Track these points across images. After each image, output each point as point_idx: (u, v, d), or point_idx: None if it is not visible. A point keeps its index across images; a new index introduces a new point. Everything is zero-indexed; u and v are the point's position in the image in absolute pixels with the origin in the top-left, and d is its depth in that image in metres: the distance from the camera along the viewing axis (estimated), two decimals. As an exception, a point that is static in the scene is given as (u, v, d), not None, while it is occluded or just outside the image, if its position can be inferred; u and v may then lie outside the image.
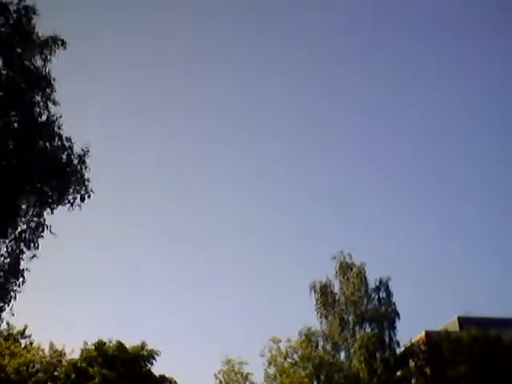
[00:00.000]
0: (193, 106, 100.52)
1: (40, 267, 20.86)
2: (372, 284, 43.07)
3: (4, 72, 18.23)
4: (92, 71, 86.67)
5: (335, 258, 44.17)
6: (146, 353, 42.76)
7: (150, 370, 42.79)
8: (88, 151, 19.39)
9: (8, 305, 19.07)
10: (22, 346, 41.93)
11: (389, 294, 42.72)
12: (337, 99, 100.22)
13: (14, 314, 19.71)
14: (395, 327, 42.11)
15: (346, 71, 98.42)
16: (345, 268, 43.61)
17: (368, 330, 41.94)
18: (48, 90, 18.72)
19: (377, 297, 42.81)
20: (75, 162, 19.27)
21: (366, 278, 42.85)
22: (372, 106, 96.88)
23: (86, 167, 19.43)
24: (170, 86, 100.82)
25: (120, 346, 42.47)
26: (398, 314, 42.39)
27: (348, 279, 43.07)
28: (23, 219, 20.07)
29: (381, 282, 42.94)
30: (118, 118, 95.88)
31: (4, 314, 19.58)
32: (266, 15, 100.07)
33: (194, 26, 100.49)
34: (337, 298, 43.24)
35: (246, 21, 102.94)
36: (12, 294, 19.10)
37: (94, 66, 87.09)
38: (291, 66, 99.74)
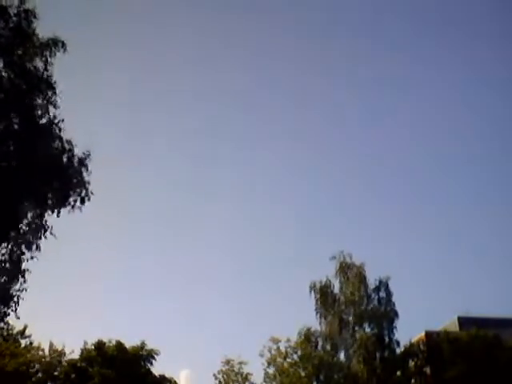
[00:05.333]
0: (195, 104, 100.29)
1: (40, 267, 20.91)
2: (372, 284, 43.02)
3: (5, 74, 18.25)
4: (93, 73, 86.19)
5: (335, 257, 44.15)
6: (145, 353, 42.85)
7: (149, 370, 42.89)
8: (89, 154, 19.52)
9: (12, 309, 19.11)
10: (22, 346, 41.98)
11: (389, 293, 42.53)
12: (338, 99, 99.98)
13: (18, 318, 19.81)
14: (395, 327, 42.05)
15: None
16: (345, 268, 43.44)
17: (368, 330, 41.83)
18: (49, 93, 18.79)
19: (376, 297, 42.66)
20: (76, 164, 19.32)
21: (365, 278, 42.74)
22: (372, 101, 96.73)
23: (87, 170, 19.51)
24: (171, 86, 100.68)
25: (120, 345, 42.55)
26: (397, 314, 42.29)
27: (348, 279, 42.95)
28: (24, 221, 20.13)
29: (380, 282, 42.74)
30: (119, 116, 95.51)
31: (9, 318, 19.69)
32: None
33: (195, 21, 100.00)
34: (337, 298, 43.19)
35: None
36: (15, 298, 19.10)
37: (95, 68, 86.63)
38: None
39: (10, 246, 19.95)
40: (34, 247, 20.20)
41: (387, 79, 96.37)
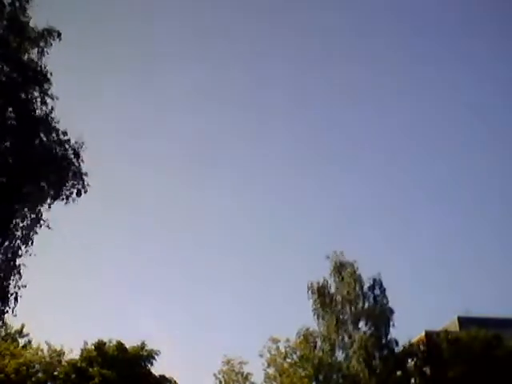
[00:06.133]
0: (195, 103, 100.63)
1: (40, 266, 20.93)
2: (367, 282, 42.85)
3: (0, 67, 18.34)
4: (91, 67, 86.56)
5: (329, 257, 43.95)
6: (145, 353, 42.84)
7: (149, 370, 42.88)
8: (83, 144, 19.49)
9: (9, 306, 19.11)
10: (21, 344, 42.09)
11: (383, 290, 42.32)
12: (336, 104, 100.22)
13: (16, 315, 19.78)
14: (392, 324, 41.71)
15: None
16: (339, 267, 43.37)
17: (365, 328, 41.63)
18: (45, 85, 18.83)
19: (372, 295, 42.46)
20: (71, 155, 19.32)
21: (359, 276, 42.59)
22: (373, 98, 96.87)
23: (81, 160, 19.51)
24: (171, 84, 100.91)
25: (120, 345, 42.54)
26: (392, 311, 41.70)
27: (343, 279, 42.86)
28: (20, 215, 20.16)
29: (374, 279, 42.54)
30: (119, 112, 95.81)
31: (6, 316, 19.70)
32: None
33: (196, 20, 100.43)
34: (333, 297, 42.97)
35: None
36: (13, 295, 19.10)
37: (93, 62, 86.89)
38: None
39: (5, 241, 19.99)
40: (30, 242, 20.23)
41: (387, 79, 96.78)
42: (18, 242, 20.20)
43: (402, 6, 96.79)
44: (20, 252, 20.21)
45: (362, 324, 41.62)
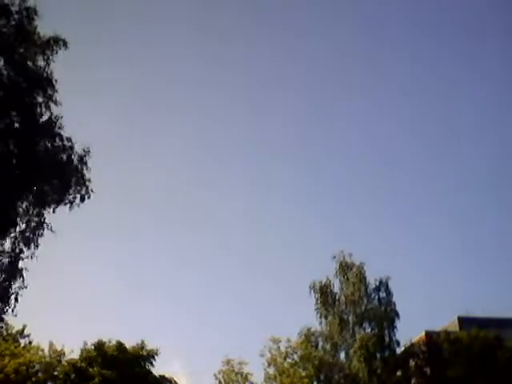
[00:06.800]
0: (193, 98, 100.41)
1: (39, 266, 20.88)
2: (372, 284, 42.98)
3: (5, 72, 18.27)
4: (94, 70, 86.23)
5: (335, 257, 44.09)
6: (145, 353, 42.76)
7: (149, 370, 42.81)
8: (89, 151, 19.48)
9: (9, 306, 19.09)
10: (22, 345, 41.97)
11: (389, 293, 42.50)
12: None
13: (16, 315, 19.77)
14: (395, 327, 41.94)
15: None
16: (345, 268, 43.44)
17: (368, 330, 41.77)
18: (50, 91, 18.79)
19: (377, 297, 42.64)
20: (76, 162, 19.31)
21: (365, 277, 42.72)
22: (373, 97, 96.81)
23: (86, 167, 19.49)
24: (171, 83, 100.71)
25: (120, 345, 42.41)
26: (397, 314, 42.23)
27: (348, 279, 42.93)
28: (23, 218, 20.11)
29: (381, 281, 42.72)
30: (120, 113, 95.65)
31: (6, 316, 19.66)
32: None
33: (196, 19, 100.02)
34: (337, 297, 43.15)
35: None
36: (13, 295, 19.08)
37: (95, 65, 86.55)
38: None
39: (8, 244, 19.95)
40: (33, 245, 20.19)
41: (387, 79, 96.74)
42: (21, 244, 20.16)
43: (402, 5, 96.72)
44: (23, 255, 20.18)
45: (365, 325, 41.75)
